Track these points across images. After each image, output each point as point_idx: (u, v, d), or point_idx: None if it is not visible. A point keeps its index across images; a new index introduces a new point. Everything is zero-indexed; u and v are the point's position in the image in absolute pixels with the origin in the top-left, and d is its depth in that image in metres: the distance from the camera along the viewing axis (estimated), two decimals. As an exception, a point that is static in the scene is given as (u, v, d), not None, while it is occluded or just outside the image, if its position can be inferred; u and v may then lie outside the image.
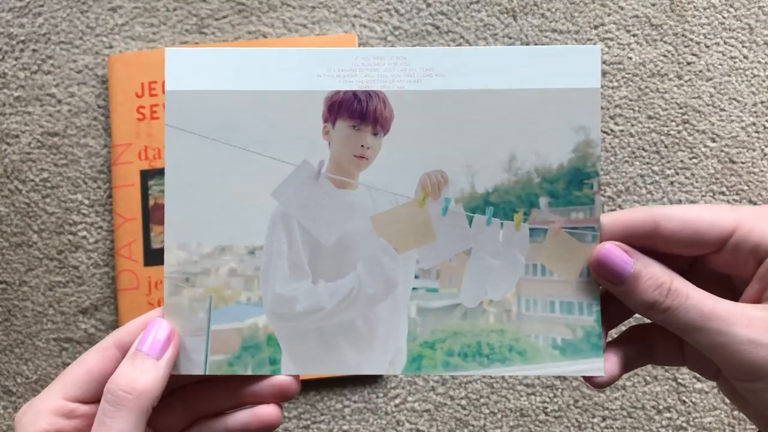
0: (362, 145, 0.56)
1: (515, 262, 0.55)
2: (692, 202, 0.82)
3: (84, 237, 0.84)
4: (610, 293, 0.54)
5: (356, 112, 0.55)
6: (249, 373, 0.55)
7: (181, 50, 0.56)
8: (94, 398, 0.53)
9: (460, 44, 0.80)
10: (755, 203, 0.81)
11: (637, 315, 0.55)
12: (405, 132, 0.55)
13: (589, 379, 0.55)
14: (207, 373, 0.54)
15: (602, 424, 0.83)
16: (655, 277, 0.52)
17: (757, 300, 0.51)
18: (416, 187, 0.55)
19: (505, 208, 0.55)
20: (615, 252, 0.52)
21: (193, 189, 0.56)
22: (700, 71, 0.82)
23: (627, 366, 0.56)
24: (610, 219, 0.54)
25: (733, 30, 0.83)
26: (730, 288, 0.54)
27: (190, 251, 0.55)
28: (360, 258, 0.55)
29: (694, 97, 0.82)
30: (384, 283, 0.55)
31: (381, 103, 0.55)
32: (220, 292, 0.55)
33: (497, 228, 0.55)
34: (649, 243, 0.53)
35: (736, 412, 0.81)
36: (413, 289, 0.55)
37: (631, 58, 0.84)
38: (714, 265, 0.54)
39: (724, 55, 0.83)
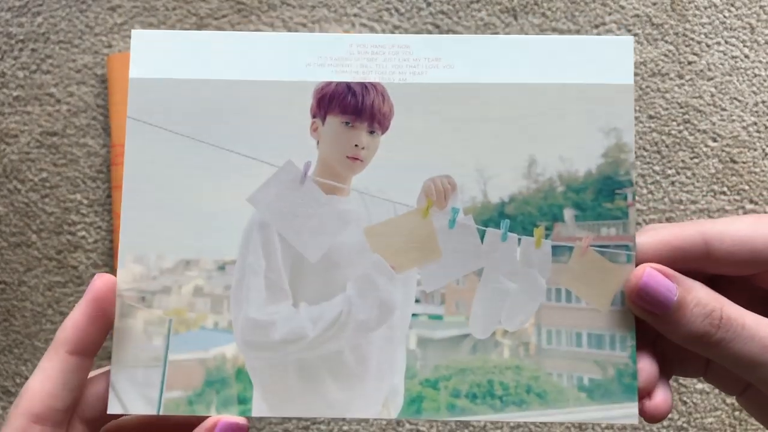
0: (356, 145, 0.37)
1: (535, 285, 0.36)
2: (693, 202, 0.70)
3: (83, 237, 0.71)
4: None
5: (350, 106, 0.37)
6: (212, 413, 0.35)
7: (151, 32, 0.38)
8: None
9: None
10: (756, 203, 0.71)
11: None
12: (406, 130, 0.37)
13: (646, 415, 0.39)
14: (160, 413, 0.35)
15: (603, 425, 0.69)
16: (702, 304, 0.36)
17: None
18: (419, 194, 0.37)
19: (524, 221, 0.37)
20: (657, 278, 0.37)
21: (156, 192, 0.37)
22: (701, 71, 0.71)
23: None
24: (654, 240, 0.38)
25: (735, 29, 0.72)
26: (762, 301, 0.39)
27: (148, 265, 0.36)
28: (350, 277, 0.36)
29: (695, 97, 0.71)
30: (378, 308, 0.36)
31: (379, 96, 0.37)
32: (181, 315, 0.36)
33: (514, 244, 0.37)
34: (697, 266, 0.38)
35: (737, 413, 0.70)
36: (413, 315, 0.37)
37: (631, 58, 0.68)
38: (757, 281, 0.39)
39: (725, 54, 0.72)
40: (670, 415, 0.69)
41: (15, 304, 0.71)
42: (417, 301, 0.39)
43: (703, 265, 0.37)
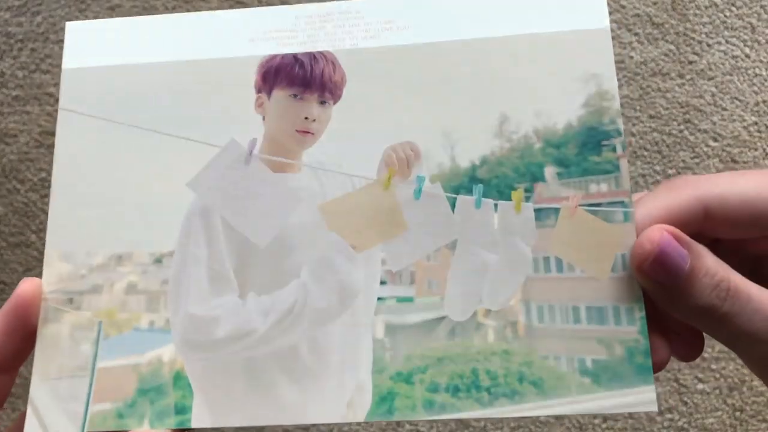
0: (306, 117, 0.33)
1: (518, 255, 0.31)
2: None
3: (82, 237, 0.67)
4: None
5: (298, 77, 0.33)
6: (146, 427, 0.29)
7: (86, 23, 0.35)
8: None
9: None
10: (757, 203, 0.64)
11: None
12: (361, 98, 0.33)
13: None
14: (86, 430, 0.29)
15: (603, 425, 0.66)
16: (711, 273, 0.31)
17: None
18: (378, 164, 0.31)
19: (499, 185, 0.32)
20: (673, 244, 0.31)
21: (87, 184, 0.33)
22: (702, 70, 0.70)
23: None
24: (650, 215, 0.33)
25: (735, 29, 0.70)
26: (750, 267, 0.34)
27: (76, 263, 0.32)
28: (305, 261, 0.31)
29: (695, 97, 0.69)
30: (338, 293, 0.31)
31: (329, 65, 0.33)
32: (112, 317, 0.31)
33: (490, 211, 0.32)
34: (694, 231, 0.32)
35: (738, 413, 0.65)
36: (379, 299, 0.31)
37: (632, 57, 0.70)
38: (749, 245, 0.34)
39: (725, 54, 0.70)
40: (670, 416, 0.66)
41: (14, 305, 0.68)
42: (383, 282, 0.34)
43: (701, 230, 0.32)
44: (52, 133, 0.70)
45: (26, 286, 0.33)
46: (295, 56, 0.36)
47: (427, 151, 0.35)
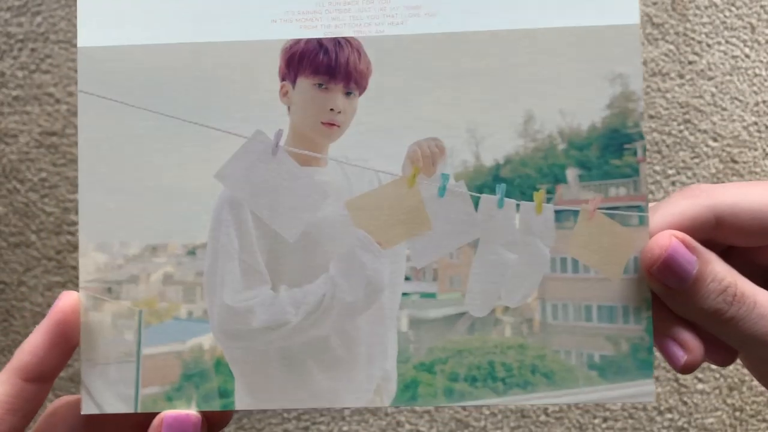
0: (332, 109, 0.34)
1: (537, 255, 0.34)
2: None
3: (82, 237, 0.70)
4: None
5: (322, 65, 0.34)
6: (193, 409, 0.33)
7: None
8: None
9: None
10: (757, 203, 0.67)
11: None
12: (386, 89, 0.34)
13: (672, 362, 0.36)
14: (138, 411, 0.33)
15: (603, 425, 0.69)
16: (718, 279, 0.34)
17: None
18: (403, 160, 0.33)
19: (522, 185, 0.34)
20: (681, 249, 0.34)
21: (114, 172, 0.34)
22: (702, 70, 0.71)
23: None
24: (663, 223, 0.35)
25: (735, 29, 0.71)
26: (764, 273, 0.37)
27: (112, 253, 0.34)
28: (333, 256, 0.34)
29: (695, 97, 0.71)
30: (365, 288, 0.34)
31: (354, 53, 0.34)
32: (152, 306, 0.34)
33: (512, 211, 0.34)
34: (705, 239, 0.35)
35: (737, 413, 0.70)
36: (404, 294, 0.34)
37: (632, 57, 0.67)
38: (758, 255, 0.37)
39: (725, 54, 0.71)
40: (670, 416, 0.69)
41: (14, 305, 0.71)
42: (407, 278, 0.37)
43: (713, 238, 0.35)
44: (53, 133, 0.70)
45: (66, 300, 0.36)
46: (319, 42, 0.37)
47: (451, 149, 0.36)
